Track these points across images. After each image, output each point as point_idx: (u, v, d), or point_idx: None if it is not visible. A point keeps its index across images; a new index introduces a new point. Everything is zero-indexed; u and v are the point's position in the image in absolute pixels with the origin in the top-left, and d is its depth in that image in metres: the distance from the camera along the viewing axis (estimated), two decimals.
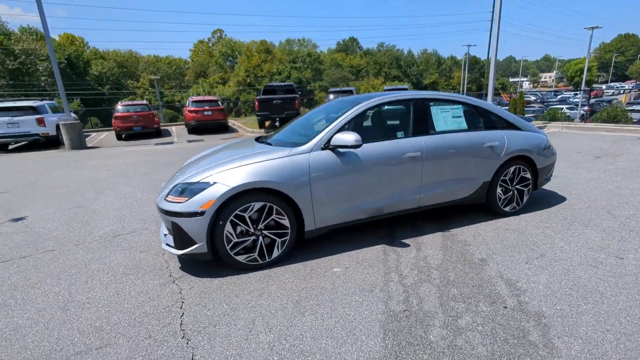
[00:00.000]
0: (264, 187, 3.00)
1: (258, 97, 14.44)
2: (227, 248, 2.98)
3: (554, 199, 4.67)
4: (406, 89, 16.45)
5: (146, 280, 3.03)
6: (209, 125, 14.53)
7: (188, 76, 46.82)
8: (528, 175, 4.16)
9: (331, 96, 15.77)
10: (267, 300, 2.65)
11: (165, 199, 3.06)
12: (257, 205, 3.00)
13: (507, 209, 4.13)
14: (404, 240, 3.60)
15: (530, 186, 4.22)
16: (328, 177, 3.22)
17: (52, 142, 12.45)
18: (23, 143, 12.73)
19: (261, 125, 14.91)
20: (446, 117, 3.88)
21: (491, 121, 4.08)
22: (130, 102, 14.36)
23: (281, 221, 3.12)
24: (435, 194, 3.73)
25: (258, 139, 4.03)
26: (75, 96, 35.80)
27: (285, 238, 3.17)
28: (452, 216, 4.19)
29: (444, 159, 3.69)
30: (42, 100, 13.34)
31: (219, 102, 15.19)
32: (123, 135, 13.93)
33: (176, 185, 3.10)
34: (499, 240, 3.51)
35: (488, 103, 4.27)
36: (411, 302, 2.56)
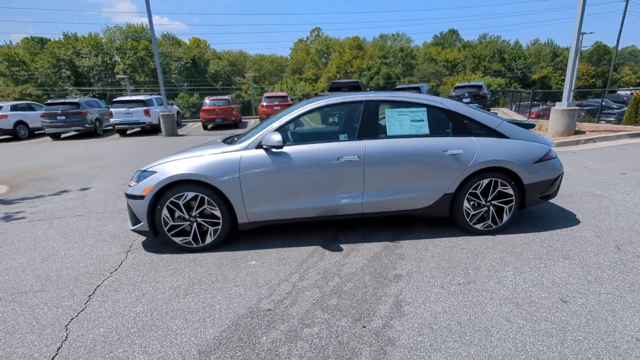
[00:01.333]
0: (195, 179, 3.28)
1: (317, 94, 14.77)
2: (165, 229, 3.37)
3: (564, 221, 3.85)
4: (418, 89, 14.61)
5: (112, 248, 3.62)
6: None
7: (287, 73, 49.97)
8: (510, 191, 3.54)
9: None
10: (172, 279, 2.94)
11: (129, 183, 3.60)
12: (190, 194, 3.30)
13: (478, 226, 3.59)
14: (342, 245, 3.49)
15: (514, 204, 3.59)
16: (258, 175, 3.34)
17: (155, 130, 14.93)
18: (136, 129, 15.53)
19: None
20: (403, 121, 3.56)
21: (463, 126, 3.58)
22: (215, 97, 16.20)
23: (213, 211, 3.37)
24: (383, 202, 3.49)
25: (227, 139, 4.23)
26: (195, 91, 41.64)
27: (217, 227, 3.41)
28: (411, 227, 3.85)
29: (392, 166, 3.42)
30: (150, 95, 16.04)
31: (288, 98, 16.07)
32: (208, 126, 15.89)
33: (137, 171, 3.60)
34: (438, 259, 3.13)
35: (463, 106, 3.72)
36: (283, 303, 2.55)
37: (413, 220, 3.99)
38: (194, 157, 3.39)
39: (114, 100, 14.90)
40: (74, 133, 15.14)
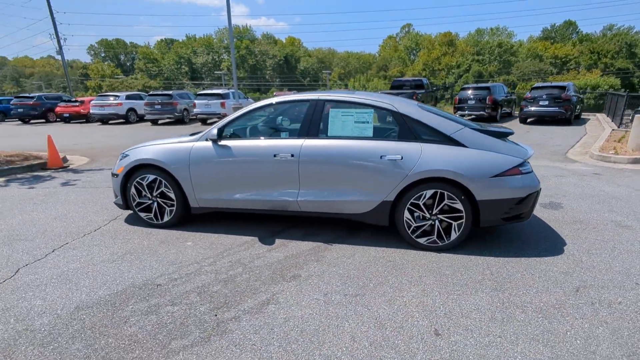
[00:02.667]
0: (154, 164, 3.69)
1: (382, 93, 14.27)
2: (133, 205, 3.87)
3: (541, 250, 3.20)
4: (488, 89, 13.27)
5: (103, 216, 4.29)
6: None
7: (372, 70, 49.25)
8: (459, 206, 3.09)
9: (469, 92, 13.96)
10: (118, 246, 3.39)
11: None
12: (151, 177, 3.73)
13: (421, 241, 3.23)
14: (277, 239, 3.52)
15: (464, 221, 3.12)
16: (205, 165, 3.58)
17: None
18: (214, 119, 17.34)
19: None
20: (346, 122, 3.39)
21: (412, 131, 3.23)
22: (280, 92, 17.05)
23: (168, 194, 3.74)
24: (318, 202, 3.40)
25: None
26: (285, 86, 44.25)
27: (172, 208, 3.78)
28: (358, 232, 3.64)
29: (327, 167, 3.31)
30: (228, 89, 17.68)
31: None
32: None
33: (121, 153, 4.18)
34: (351, 268, 2.96)
35: (417, 108, 3.33)
36: (175, 282, 2.75)
37: (364, 225, 3.77)
38: (159, 144, 3.80)
39: (197, 93, 16.92)
40: (167, 120, 17.68)
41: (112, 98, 17.69)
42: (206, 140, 3.64)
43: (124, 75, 72.89)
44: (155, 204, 3.81)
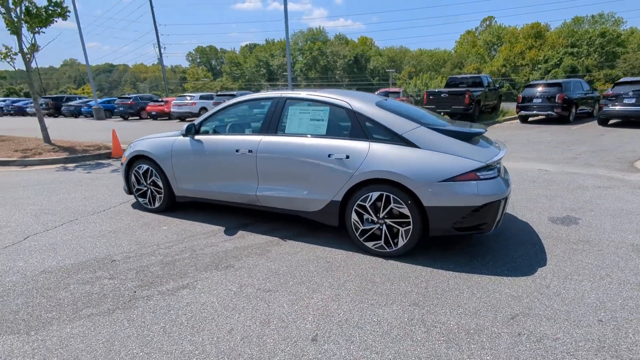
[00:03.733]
0: (146, 155, 4.11)
1: (428, 91, 13.32)
2: (133, 191, 4.37)
3: (505, 269, 2.77)
4: (560, 85, 11.07)
5: (118, 199, 4.90)
6: None
7: (446, 68, 46.00)
8: (406, 211, 2.83)
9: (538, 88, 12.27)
10: (109, 225, 3.87)
11: None
12: (144, 167, 4.16)
13: (369, 245, 3.04)
14: (240, 231, 3.64)
15: (411, 227, 2.85)
16: (181, 157, 3.88)
17: None
18: None
19: None
20: (302, 119, 3.33)
21: (364, 129, 3.05)
22: (384, 90, 17.10)
23: (157, 182, 4.13)
24: (274, 197, 3.42)
25: None
26: (353, 86, 44.19)
27: (161, 195, 4.16)
28: (317, 231, 3.56)
29: (282, 163, 3.31)
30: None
31: (401, 94, 15.24)
32: None
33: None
34: (284, 265, 2.94)
35: (371, 106, 3.09)
36: (128, 259, 3.06)
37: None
38: (153, 138, 4.22)
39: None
40: None
41: (188, 98, 19.80)
42: (182, 135, 3.94)
43: (213, 78, 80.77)
44: (149, 190, 4.25)
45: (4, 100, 32.46)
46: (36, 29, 8.62)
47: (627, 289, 2.48)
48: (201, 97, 19.86)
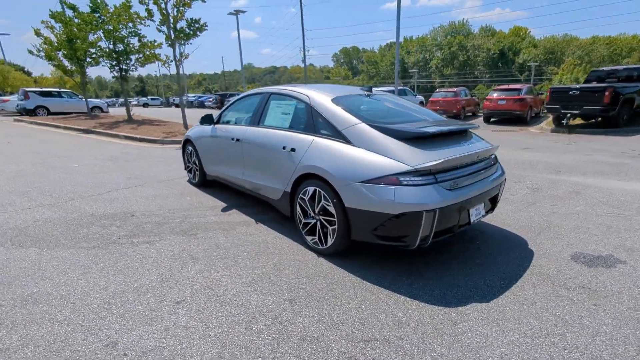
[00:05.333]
0: (189, 139, 5.00)
1: (552, 87, 10.46)
2: (185, 167, 5.38)
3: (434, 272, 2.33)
4: None
5: (179, 173, 6.07)
6: (501, 115, 12.88)
7: (631, 58, 34.23)
8: (332, 210, 2.69)
9: None
10: (152, 192, 4.93)
11: None
12: (189, 149, 5.09)
13: (309, 238, 3.02)
14: (234, 210, 4.10)
15: (337, 227, 2.68)
16: (205, 142, 4.62)
17: None
18: None
19: (557, 122, 10.91)
20: (276, 113, 3.48)
21: (316, 124, 3.00)
22: (444, 89, 15.41)
23: (196, 162, 4.97)
24: (252, 183, 3.72)
25: None
26: (495, 82, 38.73)
27: (197, 172, 5.00)
28: (292, 223, 3.62)
29: (256, 152, 3.58)
30: (403, 87, 17.75)
31: (522, 92, 12.54)
32: None
33: None
34: (227, 240, 3.23)
35: (326, 101, 2.94)
36: (143, 217, 3.92)
37: None
38: (201, 126, 5.09)
39: None
40: None
41: None
42: (201, 124, 4.64)
43: (353, 76, 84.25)
44: (192, 168, 5.18)
45: (194, 96, 42.43)
46: (183, 42, 11.21)
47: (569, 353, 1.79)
48: None
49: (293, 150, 3.06)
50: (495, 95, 13.19)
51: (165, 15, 10.86)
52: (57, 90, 21.50)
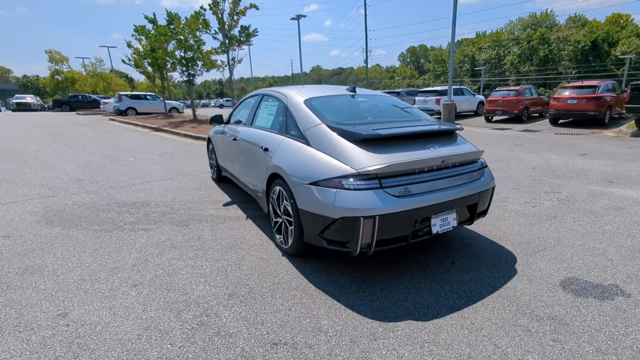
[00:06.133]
0: (209, 137, 5.35)
1: (633, 84, 8.56)
2: (209, 164, 5.77)
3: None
4: None
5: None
6: (571, 116, 11.06)
7: None
8: (290, 209, 2.67)
9: None
10: (177, 185, 5.37)
11: None
12: (211, 146, 5.44)
13: (277, 237, 3.04)
14: (235, 205, 4.28)
15: (293, 227, 2.65)
16: (217, 140, 4.87)
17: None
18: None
19: (639, 125, 8.99)
20: (263, 113, 3.55)
21: (289, 124, 3.00)
22: (505, 88, 13.78)
23: (214, 158, 5.30)
24: (244, 181, 3.85)
25: None
26: (583, 78, 33.65)
27: (215, 169, 5.32)
28: None
29: (245, 150, 3.70)
30: (460, 86, 16.53)
31: (598, 89, 10.53)
32: (490, 118, 14.21)
33: None
34: (205, 233, 3.38)
35: (298, 102, 2.89)
36: (149, 204, 4.32)
37: None
38: (219, 125, 5.42)
39: (420, 90, 17.13)
40: None
41: None
42: (210, 123, 4.91)
43: (419, 75, 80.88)
44: (211, 164, 5.54)
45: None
46: (235, 48, 12.00)
47: None
48: None
49: (267, 150, 3.11)
50: (565, 93, 11.44)
51: (222, 24, 11.74)
52: (144, 93, 24.51)
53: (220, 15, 11.78)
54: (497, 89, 14.85)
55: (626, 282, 2.41)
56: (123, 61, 19.86)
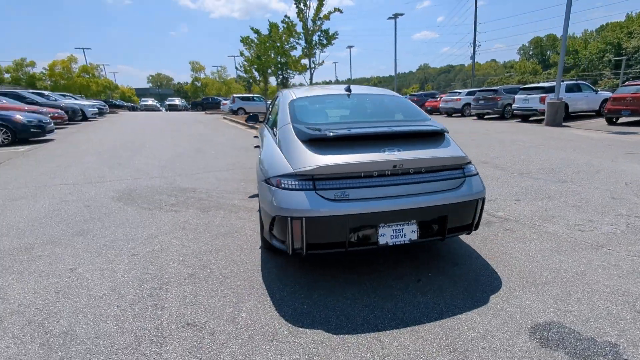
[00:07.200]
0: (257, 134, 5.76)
1: None
2: None
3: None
4: None
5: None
6: None
7: None
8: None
9: None
10: (216, 178, 5.95)
11: None
12: None
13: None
14: (249, 198, 4.54)
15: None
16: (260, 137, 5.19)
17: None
18: (531, 115, 14.29)
19: None
20: (273, 113, 3.63)
21: (275, 123, 3.03)
22: (636, 82, 10.35)
23: None
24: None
25: None
26: None
27: None
28: None
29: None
30: (576, 80, 13.50)
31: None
32: (614, 119, 11.03)
33: None
34: (198, 219, 3.68)
35: (284, 102, 2.83)
36: (194, 190, 4.93)
37: None
38: None
39: (521, 87, 14.56)
40: (492, 115, 16.80)
41: (456, 95, 19.42)
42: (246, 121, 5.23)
43: (543, 70, 68.98)
44: None
45: None
46: (314, 52, 12.45)
47: None
48: (469, 93, 18.86)
49: (258, 147, 3.25)
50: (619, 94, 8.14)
51: (306, 30, 12.36)
52: (252, 95, 27.48)
53: (305, 22, 12.45)
54: (626, 83, 11.60)
55: (636, 345, 1.72)
56: (236, 68, 22.72)
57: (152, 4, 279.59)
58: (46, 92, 20.39)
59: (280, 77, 17.71)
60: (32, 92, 18.44)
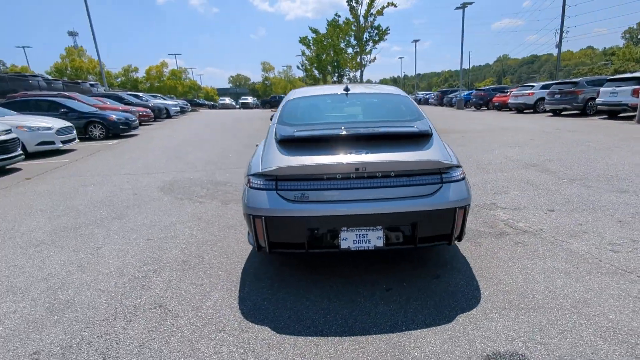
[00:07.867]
0: None
1: None
2: None
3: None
4: None
5: None
6: None
7: None
8: None
9: None
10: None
11: None
12: None
13: None
14: None
15: None
16: None
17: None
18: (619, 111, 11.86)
19: None
20: None
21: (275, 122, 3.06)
22: None
23: None
24: None
25: None
26: None
27: None
28: None
29: None
30: None
31: None
32: None
33: None
34: (190, 208, 3.88)
35: (282, 102, 2.79)
36: (224, 183, 5.26)
37: None
38: None
39: (608, 78, 12.19)
40: (570, 111, 14.47)
41: (528, 88, 17.19)
42: None
43: None
44: None
45: (422, 94, 43.25)
46: (367, 49, 12.14)
47: None
48: (544, 87, 16.55)
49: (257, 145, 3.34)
50: None
51: (358, 26, 12.14)
52: None
53: (357, 18, 12.23)
54: None
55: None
56: (297, 67, 23.39)
57: (236, 11, 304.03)
58: (140, 94, 23.59)
59: (337, 74, 17.73)
60: (129, 94, 21.48)
